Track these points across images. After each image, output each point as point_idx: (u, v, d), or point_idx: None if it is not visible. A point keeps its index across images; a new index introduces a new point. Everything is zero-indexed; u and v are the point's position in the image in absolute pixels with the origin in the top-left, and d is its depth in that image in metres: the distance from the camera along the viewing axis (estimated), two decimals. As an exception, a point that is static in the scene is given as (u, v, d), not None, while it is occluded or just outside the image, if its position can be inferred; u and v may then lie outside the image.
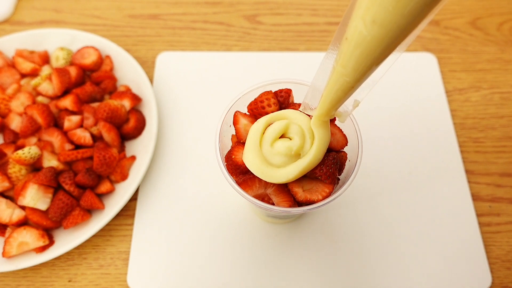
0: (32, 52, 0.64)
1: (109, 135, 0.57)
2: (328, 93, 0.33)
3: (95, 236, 0.56)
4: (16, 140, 0.58)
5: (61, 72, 0.60)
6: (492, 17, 0.74)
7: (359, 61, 0.28)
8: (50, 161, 0.54)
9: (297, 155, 0.37)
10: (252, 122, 0.40)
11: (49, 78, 0.60)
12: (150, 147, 0.58)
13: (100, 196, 0.56)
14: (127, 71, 0.64)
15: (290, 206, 0.38)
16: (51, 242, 0.53)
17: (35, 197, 0.52)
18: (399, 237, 0.55)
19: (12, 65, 0.64)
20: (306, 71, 0.68)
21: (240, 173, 0.40)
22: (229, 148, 0.42)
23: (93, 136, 0.58)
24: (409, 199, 0.58)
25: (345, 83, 0.31)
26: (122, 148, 0.60)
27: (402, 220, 0.56)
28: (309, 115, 0.38)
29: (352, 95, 0.32)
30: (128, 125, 0.59)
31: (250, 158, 0.37)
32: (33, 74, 0.63)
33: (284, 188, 0.39)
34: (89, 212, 0.55)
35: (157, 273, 0.53)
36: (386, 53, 0.28)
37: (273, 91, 0.42)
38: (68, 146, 0.56)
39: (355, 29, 0.27)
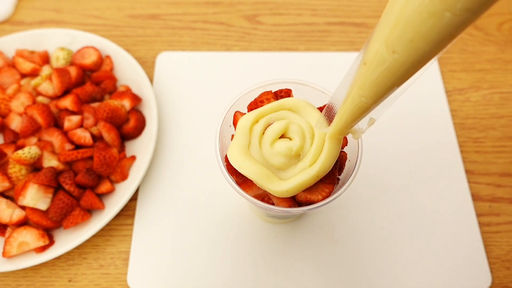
0: (32, 52, 0.64)
1: (109, 135, 0.57)
2: (344, 112, 0.32)
3: (95, 236, 0.56)
4: (16, 140, 0.58)
5: (61, 72, 0.60)
6: (492, 17, 0.74)
7: (377, 84, 0.28)
8: (50, 161, 0.54)
9: (297, 156, 0.37)
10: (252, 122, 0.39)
11: (49, 78, 0.60)
12: (150, 147, 0.58)
13: (100, 196, 0.56)
14: (127, 71, 0.64)
15: (290, 206, 0.38)
16: (51, 242, 0.53)
17: (35, 197, 0.52)
18: (399, 237, 0.55)
19: (12, 65, 0.64)
20: (306, 71, 0.68)
21: (240, 173, 0.39)
22: (229, 148, 0.42)
23: (93, 136, 0.58)
24: (409, 199, 0.58)
25: (362, 104, 0.30)
26: (122, 148, 0.60)
27: (401, 220, 0.56)
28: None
29: (368, 114, 0.32)
30: (128, 125, 0.59)
31: (253, 168, 0.36)
32: (33, 74, 0.63)
33: (284, 188, 0.39)
34: (89, 212, 0.55)
35: (157, 273, 0.53)
36: (407, 76, 0.27)
37: (273, 91, 0.42)
38: (68, 146, 0.56)
39: (376, 53, 0.26)
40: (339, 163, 0.40)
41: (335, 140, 0.36)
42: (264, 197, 0.39)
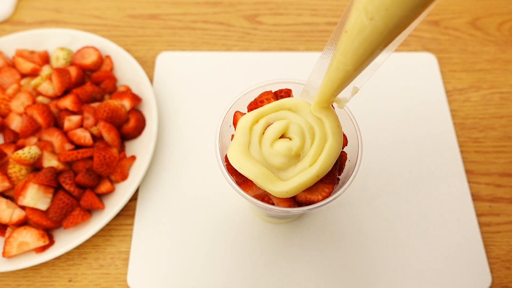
0: (32, 52, 0.64)
1: (109, 135, 0.57)
2: (328, 80, 0.33)
3: (95, 236, 0.56)
4: (16, 140, 0.58)
5: (61, 72, 0.60)
6: (492, 17, 0.74)
7: (359, 50, 0.29)
8: (50, 161, 0.54)
9: (297, 156, 0.37)
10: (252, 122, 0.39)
11: (49, 78, 0.60)
12: (150, 147, 0.58)
13: (100, 196, 0.56)
14: (127, 71, 0.64)
15: (290, 206, 0.38)
16: (51, 242, 0.53)
17: (35, 197, 0.52)
18: (399, 237, 0.55)
19: (12, 65, 0.64)
20: (306, 71, 0.68)
21: (240, 173, 0.39)
22: (229, 148, 0.42)
23: (93, 136, 0.58)
24: (409, 199, 0.58)
25: (345, 71, 0.31)
26: (122, 148, 0.60)
27: (402, 220, 0.56)
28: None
29: (351, 82, 0.33)
30: (128, 125, 0.59)
31: (253, 169, 0.36)
32: (33, 74, 0.63)
33: (284, 188, 0.39)
34: (89, 212, 0.55)
35: (157, 273, 0.53)
36: (386, 41, 0.28)
37: (273, 91, 0.42)
38: (68, 146, 0.56)
39: (356, 20, 0.28)
40: (339, 163, 0.40)
41: (323, 110, 0.37)
42: (264, 197, 0.39)
